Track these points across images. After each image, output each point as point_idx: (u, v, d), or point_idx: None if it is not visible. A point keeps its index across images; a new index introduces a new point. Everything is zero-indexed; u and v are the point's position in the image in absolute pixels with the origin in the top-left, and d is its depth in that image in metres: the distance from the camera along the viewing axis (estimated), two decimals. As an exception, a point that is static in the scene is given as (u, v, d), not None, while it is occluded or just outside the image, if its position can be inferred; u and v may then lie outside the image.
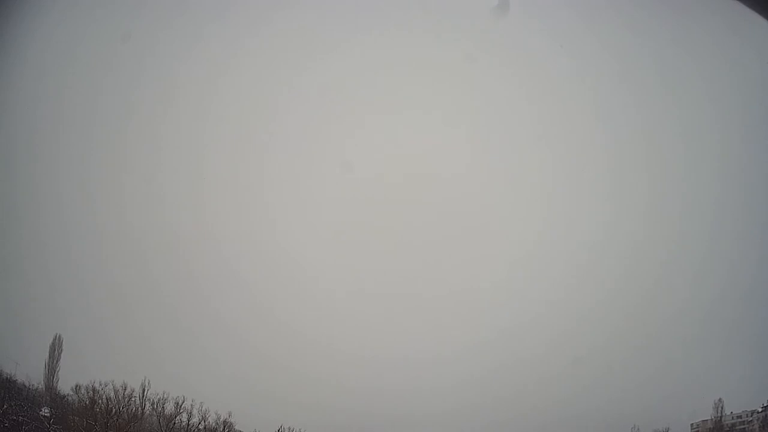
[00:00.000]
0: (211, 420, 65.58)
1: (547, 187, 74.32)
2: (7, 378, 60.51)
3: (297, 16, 71.24)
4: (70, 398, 64.13)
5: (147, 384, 63.68)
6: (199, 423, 65.43)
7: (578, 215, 72.88)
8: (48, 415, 61.82)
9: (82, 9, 67.07)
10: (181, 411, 65.24)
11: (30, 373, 62.53)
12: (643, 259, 72.41)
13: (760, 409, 69.01)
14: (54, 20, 61.23)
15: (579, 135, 73.64)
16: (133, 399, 63.49)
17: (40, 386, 64.01)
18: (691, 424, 70.72)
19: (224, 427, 66.01)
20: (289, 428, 67.47)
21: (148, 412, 64.65)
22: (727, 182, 71.47)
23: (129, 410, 63.09)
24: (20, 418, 59.99)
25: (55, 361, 64.67)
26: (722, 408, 69.13)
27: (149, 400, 64.33)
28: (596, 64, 72.54)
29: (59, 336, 64.88)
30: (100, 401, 62.05)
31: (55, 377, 64.58)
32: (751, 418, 69.48)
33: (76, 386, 62.96)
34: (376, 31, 71.15)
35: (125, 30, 67.73)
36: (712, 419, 69.69)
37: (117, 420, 61.76)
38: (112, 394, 62.47)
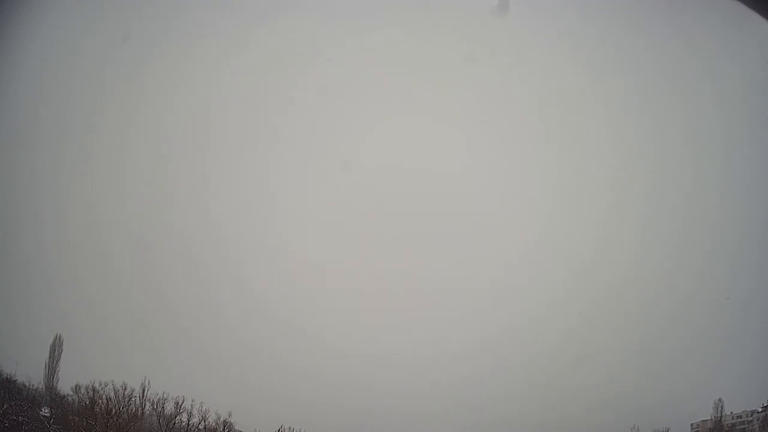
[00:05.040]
0: (211, 420, 65.72)
1: (548, 186, 74.41)
2: (7, 378, 60.58)
3: (299, 16, 71.27)
4: (70, 398, 64.22)
5: (147, 384, 63.87)
6: (199, 423, 65.52)
7: (579, 215, 72.93)
8: (48, 415, 61.85)
9: (83, 9, 67.16)
10: (181, 411, 65.40)
11: (30, 373, 62.68)
12: (644, 259, 72.50)
13: (760, 409, 68.99)
14: (54, 20, 61.29)
15: (580, 134, 73.68)
16: (133, 399, 63.61)
17: (40, 386, 64.06)
18: (691, 424, 70.70)
19: (224, 427, 66.07)
20: (290, 428, 67.62)
21: (148, 412, 64.75)
22: (728, 183, 71.54)
23: (129, 410, 63.15)
24: (20, 418, 60.04)
25: (55, 361, 64.73)
26: (722, 408, 69.15)
27: (149, 400, 64.53)
28: (597, 64, 72.57)
29: (59, 336, 64.97)
30: (100, 401, 62.12)
31: (55, 377, 64.63)
32: (751, 418, 69.46)
33: (76, 386, 63.12)
34: (377, 30, 71.18)
35: (126, 29, 67.80)
36: (712, 419, 69.68)
37: (117, 420, 61.80)
38: (112, 394, 62.64)
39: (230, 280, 72.35)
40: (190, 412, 65.30)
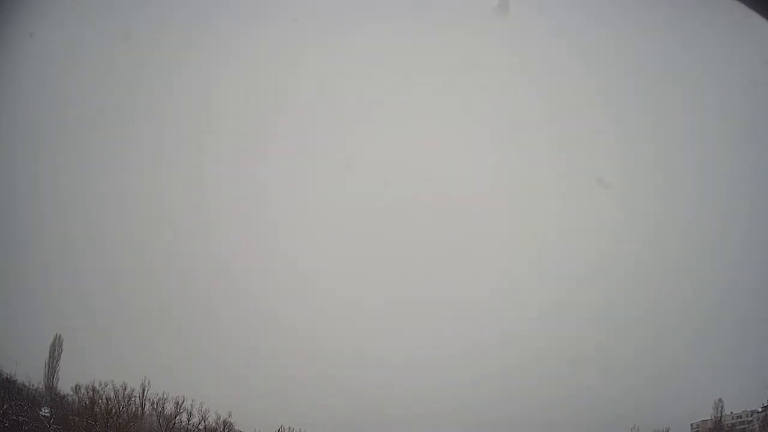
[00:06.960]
0: (211, 420, 65.73)
1: (548, 189, 74.25)
2: (7, 378, 60.61)
3: (298, 14, 71.16)
4: (70, 398, 64.23)
5: (147, 384, 63.87)
6: (199, 423, 65.55)
7: (580, 216, 72.87)
8: (48, 415, 61.88)
9: (83, 8, 67.12)
10: (181, 411, 65.43)
11: (30, 373, 62.67)
12: (643, 259, 72.42)
13: (760, 409, 68.99)
14: (54, 19, 61.25)
15: (580, 135, 73.63)
16: (133, 399, 63.62)
17: (40, 386, 64.06)
18: (691, 424, 70.68)
19: (224, 427, 66.09)
20: (290, 428, 67.62)
21: (148, 412, 64.77)
22: (728, 183, 71.53)
23: (129, 410, 63.17)
24: (20, 418, 60.08)
25: (55, 361, 64.70)
26: (722, 408, 69.15)
27: (149, 400, 64.51)
28: (595, 65, 72.56)
29: (59, 336, 64.94)
30: (100, 401, 62.12)
31: (55, 377, 64.62)
32: (751, 418, 69.46)
33: (76, 386, 63.10)
34: (378, 29, 71.11)
35: (124, 29, 67.74)
36: (712, 419, 69.67)
37: (117, 420, 61.84)
38: (112, 394, 62.62)
39: (230, 281, 72.32)
40: (190, 412, 65.41)
